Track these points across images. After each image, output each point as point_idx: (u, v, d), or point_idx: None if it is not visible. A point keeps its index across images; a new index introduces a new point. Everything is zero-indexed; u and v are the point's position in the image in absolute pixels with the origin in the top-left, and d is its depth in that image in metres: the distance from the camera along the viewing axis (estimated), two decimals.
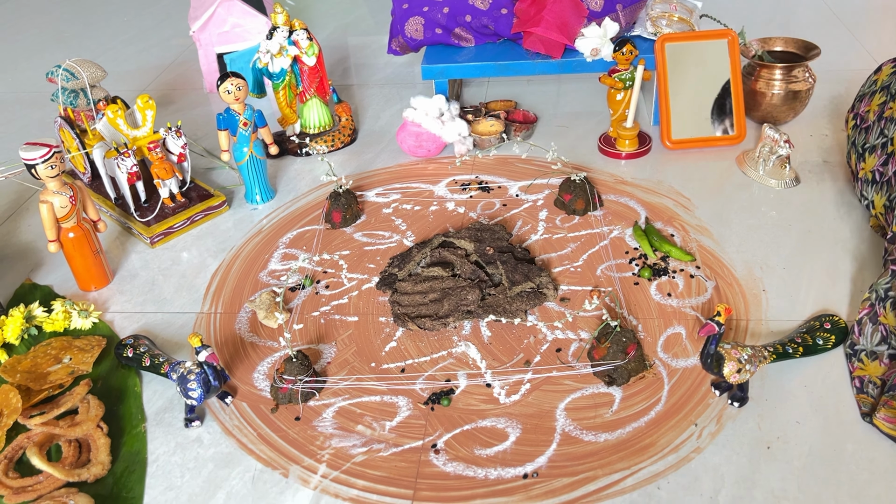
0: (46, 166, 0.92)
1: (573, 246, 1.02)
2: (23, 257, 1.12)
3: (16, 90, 1.70)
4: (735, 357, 0.74)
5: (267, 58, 1.23)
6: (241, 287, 1.00)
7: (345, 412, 0.81)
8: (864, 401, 0.76)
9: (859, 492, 0.68)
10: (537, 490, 0.71)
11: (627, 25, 1.28)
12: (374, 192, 1.18)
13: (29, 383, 0.85)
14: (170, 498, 0.73)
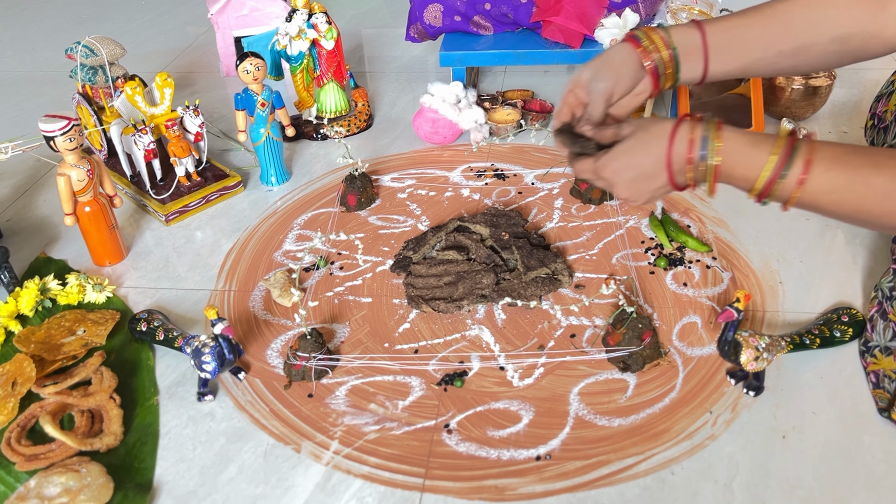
0: (65, 139, 0.92)
1: (588, 234, 1.01)
2: (38, 231, 1.12)
3: (33, 69, 1.70)
4: (752, 345, 0.73)
5: (286, 40, 1.23)
6: (256, 266, 1.00)
7: (358, 391, 0.80)
8: (880, 396, 0.75)
9: (875, 483, 0.68)
10: (550, 472, 0.70)
11: (647, 17, 1.27)
12: (390, 176, 1.18)
13: (43, 353, 0.86)
14: (181, 470, 0.73)
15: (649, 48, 0.73)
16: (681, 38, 0.74)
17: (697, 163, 0.65)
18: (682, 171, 0.66)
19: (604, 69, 0.75)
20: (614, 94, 0.75)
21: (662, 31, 0.74)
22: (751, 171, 0.63)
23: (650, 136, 0.67)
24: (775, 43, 0.73)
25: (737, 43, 0.73)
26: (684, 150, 0.65)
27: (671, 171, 0.66)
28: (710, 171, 0.64)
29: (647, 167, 0.67)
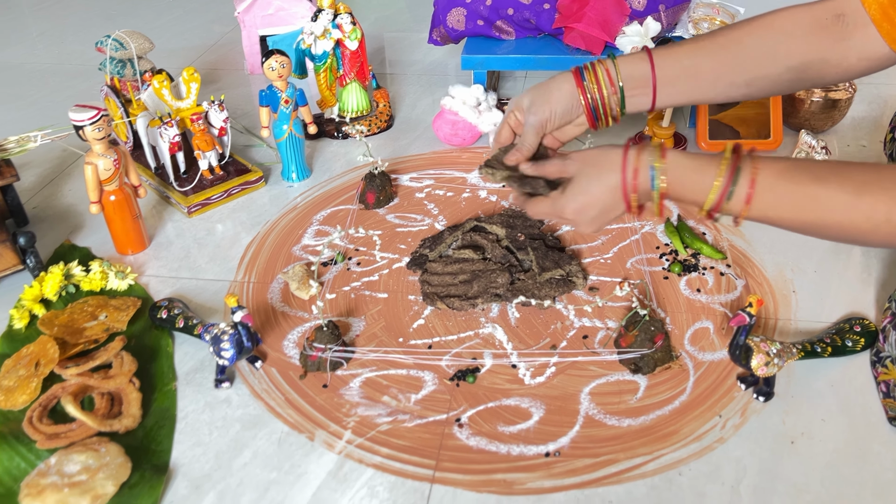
0: (94, 128, 0.94)
1: (604, 238, 1.02)
2: (63, 219, 1.14)
3: (62, 61, 1.74)
4: (764, 350, 0.74)
5: (311, 40, 1.25)
6: (275, 259, 1.02)
7: (371, 383, 0.82)
8: (890, 405, 0.75)
9: (883, 491, 0.68)
10: (558, 469, 0.71)
11: (669, 26, 1.28)
12: (408, 176, 1.19)
13: (65, 336, 0.88)
14: (197, 453, 0.75)
15: (590, 86, 0.76)
16: (629, 71, 0.75)
17: (646, 191, 0.67)
18: (635, 198, 0.69)
19: (540, 101, 0.77)
20: (547, 126, 0.78)
21: (611, 65, 0.76)
22: (698, 194, 0.65)
23: (601, 171, 0.69)
24: (727, 74, 0.74)
25: (687, 74, 0.75)
26: (633, 180, 0.68)
27: (628, 201, 0.69)
28: (657, 197, 0.67)
29: (605, 202, 0.70)
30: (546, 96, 0.77)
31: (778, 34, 0.72)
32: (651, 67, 0.74)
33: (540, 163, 0.75)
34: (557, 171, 0.73)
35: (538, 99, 0.77)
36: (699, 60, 0.74)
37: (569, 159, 0.73)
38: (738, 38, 0.73)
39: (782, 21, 0.72)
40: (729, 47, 0.73)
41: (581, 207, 0.71)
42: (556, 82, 0.78)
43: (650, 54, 0.75)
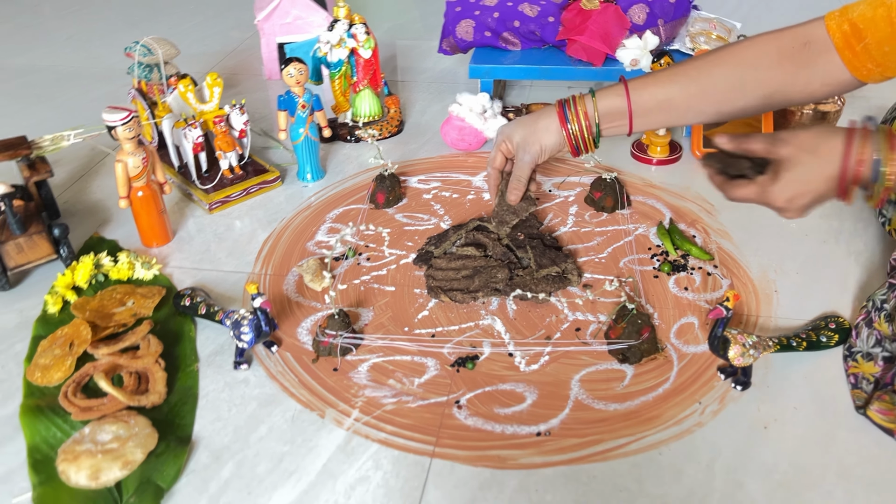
0: (125, 128, 1.01)
1: (599, 239, 1.09)
2: (92, 213, 1.22)
3: (90, 65, 1.82)
4: (740, 342, 0.80)
5: (326, 48, 1.32)
6: (290, 254, 1.09)
7: (378, 367, 0.88)
8: (858, 395, 0.81)
9: (846, 472, 0.74)
10: (548, 447, 0.78)
11: (667, 39, 1.35)
12: (417, 178, 1.26)
13: (96, 320, 0.95)
14: (217, 428, 0.82)
15: (573, 127, 0.84)
16: (607, 107, 0.83)
17: (867, 182, 0.68)
18: (854, 188, 0.69)
19: (531, 140, 0.85)
20: (538, 160, 0.88)
21: (590, 103, 0.83)
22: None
23: (821, 160, 0.69)
24: (697, 105, 0.82)
25: (659, 106, 0.82)
26: (855, 172, 0.68)
27: (845, 190, 0.69)
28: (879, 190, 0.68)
29: (821, 191, 0.70)
30: (536, 135, 0.85)
31: (746, 67, 0.79)
32: (627, 101, 0.82)
33: (743, 138, 0.74)
34: (765, 150, 0.72)
35: (529, 138, 0.85)
36: (671, 93, 0.82)
37: (780, 140, 0.71)
38: (709, 71, 0.80)
39: (750, 53, 0.79)
40: (699, 80, 0.80)
41: (794, 196, 0.70)
42: (543, 122, 0.86)
43: (627, 89, 0.82)
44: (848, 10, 0.76)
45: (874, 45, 0.73)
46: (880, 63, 0.75)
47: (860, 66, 0.76)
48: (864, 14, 0.73)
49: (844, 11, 0.76)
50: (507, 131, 0.89)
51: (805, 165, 0.70)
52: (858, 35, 0.74)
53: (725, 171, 0.77)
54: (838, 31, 0.75)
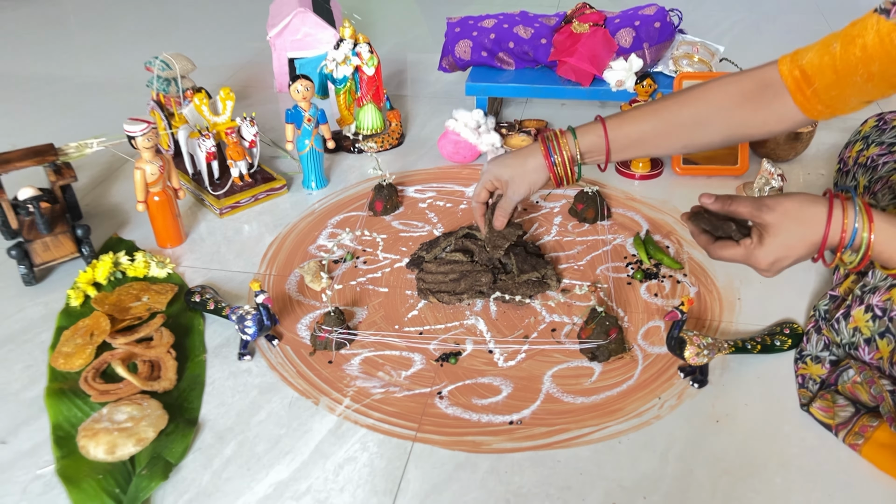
0: (144, 138, 1.11)
1: (580, 248, 1.17)
2: (111, 216, 1.31)
3: (111, 76, 1.92)
4: (696, 343, 0.88)
5: (333, 65, 1.42)
6: (293, 256, 1.18)
7: (369, 361, 0.97)
8: (804, 394, 0.89)
9: (787, 462, 0.82)
10: (519, 434, 0.86)
11: (652, 62, 1.43)
12: (414, 188, 1.35)
13: (114, 313, 1.04)
14: (222, 412, 0.91)
15: (557, 164, 0.93)
16: (587, 144, 0.93)
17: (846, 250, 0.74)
18: (830, 255, 0.76)
19: (520, 180, 0.96)
20: (527, 196, 0.99)
21: (572, 142, 0.93)
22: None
23: (804, 228, 0.74)
24: (667, 140, 0.91)
25: (633, 143, 0.92)
26: (837, 240, 0.73)
27: (822, 255, 0.75)
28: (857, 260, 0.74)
29: (801, 255, 0.76)
30: (525, 177, 0.96)
31: (710, 108, 0.88)
32: (605, 140, 0.92)
33: (728, 199, 0.80)
34: (750, 214, 0.78)
35: (518, 179, 0.96)
36: (644, 130, 0.91)
37: (765, 206, 0.76)
38: (678, 111, 0.89)
39: (714, 95, 0.88)
40: (670, 119, 0.89)
41: (778, 260, 0.76)
42: (531, 163, 0.96)
43: (605, 129, 0.92)
44: (799, 55, 0.84)
45: (822, 89, 0.81)
46: (829, 105, 0.83)
47: (811, 107, 0.84)
48: (813, 61, 0.81)
49: (795, 58, 0.84)
50: (497, 171, 0.98)
51: (789, 232, 0.75)
52: (808, 81, 0.82)
53: (710, 232, 0.83)
54: (790, 76, 0.83)
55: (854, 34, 0.78)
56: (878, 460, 0.80)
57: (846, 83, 0.79)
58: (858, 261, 0.74)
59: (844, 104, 0.81)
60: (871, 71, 0.77)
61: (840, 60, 0.78)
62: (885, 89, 0.78)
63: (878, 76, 0.77)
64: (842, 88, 0.80)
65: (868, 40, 0.76)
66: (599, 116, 0.94)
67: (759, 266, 0.78)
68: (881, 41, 0.75)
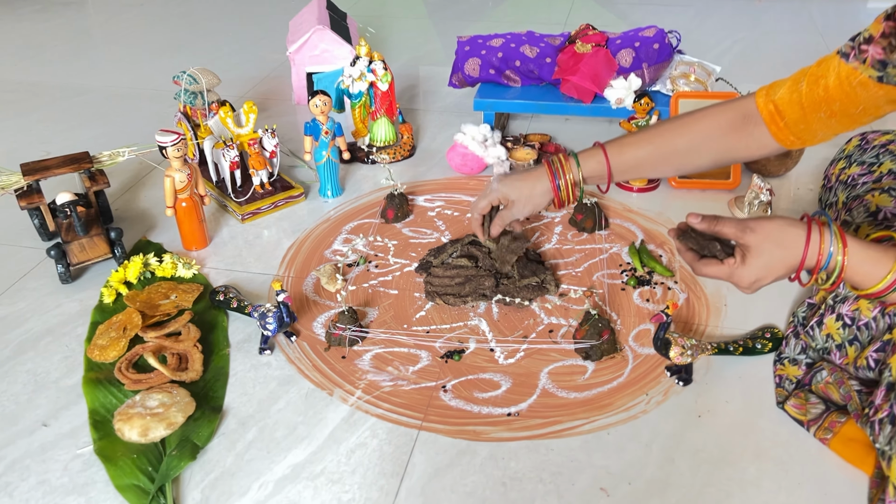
0: (174, 148, 1.20)
1: (578, 256, 1.25)
2: (140, 220, 1.40)
3: (138, 86, 2.02)
4: (680, 344, 0.95)
5: (349, 81, 1.50)
6: (310, 259, 1.26)
7: (379, 357, 1.05)
8: (780, 393, 0.96)
9: (761, 453, 0.89)
10: (516, 425, 0.94)
11: (651, 81, 1.51)
12: (423, 197, 1.43)
13: (145, 310, 1.12)
14: (244, 400, 0.99)
15: (560, 183, 1.02)
16: (589, 170, 1.02)
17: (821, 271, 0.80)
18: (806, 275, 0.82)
19: (525, 201, 1.05)
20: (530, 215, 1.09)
21: (575, 166, 1.01)
22: (867, 282, 0.78)
23: (784, 251, 0.80)
24: (661, 165, 1.00)
25: (630, 167, 1.01)
26: (813, 262, 0.79)
27: (799, 276, 0.82)
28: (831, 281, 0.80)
29: (780, 275, 0.82)
30: (531, 199, 1.05)
31: (701, 136, 0.96)
32: (607, 166, 1.01)
33: (714, 220, 0.85)
34: (734, 235, 0.83)
35: (524, 200, 1.05)
36: (640, 155, 1.00)
37: (748, 228, 0.82)
38: (671, 139, 0.98)
39: (703, 125, 0.96)
40: (664, 147, 0.98)
41: (758, 279, 0.82)
42: (538, 187, 1.04)
43: (606, 156, 1.00)
44: (773, 90, 0.92)
45: (792, 123, 0.89)
46: (798, 136, 0.91)
47: (784, 138, 0.92)
48: (784, 97, 0.89)
49: (770, 92, 0.92)
50: (505, 191, 1.07)
51: (769, 254, 0.81)
52: (780, 115, 0.90)
53: (696, 251, 0.90)
54: (765, 109, 0.91)
55: (819, 74, 0.85)
56: (844, 453, 0.87)
57: (812, 119, 0.87)
58: (832, 282, 0.81)
59: (812, 136, 0.90)
60: (832, 109, 0.84)
61: (806, 98, 0.86)
62: (847, 125, 0.86)
63: (839, 114, 0.85)
64: (808, 123, 0.88)
65: (830, 82, 0.84)
66: (599, 143, 1.02)
67: (740, 284, 0.85)
68: (840, 84, 0.83)
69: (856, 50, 0.81)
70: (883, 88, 0.80)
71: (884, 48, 0.78)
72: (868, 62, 0.80)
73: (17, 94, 1.99)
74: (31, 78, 2.11)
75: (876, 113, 0.85)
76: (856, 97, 0.83)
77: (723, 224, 0.85)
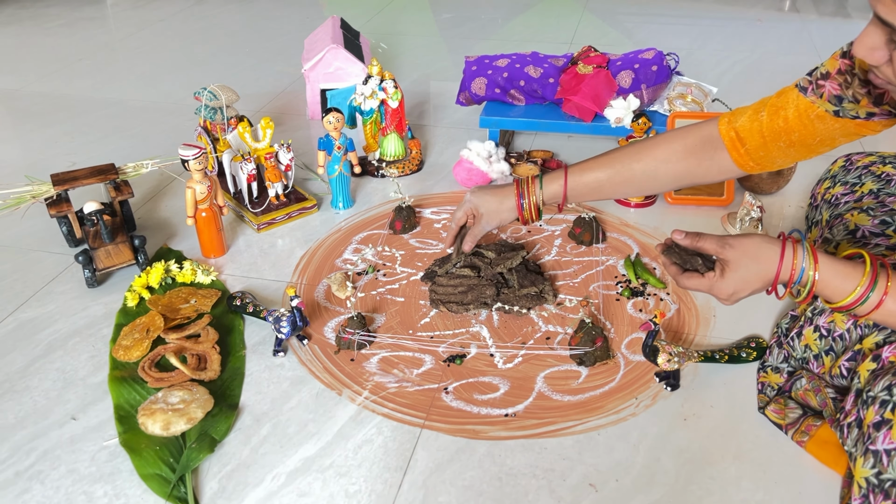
0: (196, 162, 1.27)
1: (576, 267, 1.31)
2: (162, 228, 1.48)
3: (159, 100, 2.11)
4: (668, 351, 1.02)
5: (361, 99, 1.58)
6: (322, 268, 1.33)
7: (386, 360, 1.12)
8: (761, 399, 1.02)
9: (742, 454, 0.95)
10: (513, 425, 1.00)
11: (649, 102, 1.58)
12: (430, 210, 1.50)
13: (166, 313, 1.20)
14: (258, 399, 1.06)
15: (524, 203, 1.11)
16: (550, 192, 1.10)
17: (795, 286, 0.86)
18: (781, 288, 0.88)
19: (492, 215, 1.15)
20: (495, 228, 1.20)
21: (538, 188, 1.10)
22: (838, 296, 0.83)
23: (759, 265, 0.86)
24: (621, 188, 1.07)
25: (589, 190, 1.09)
26: (787, 276, 0.85)
27: (775, 290, 0.87)
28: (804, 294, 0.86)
29: (756, 288, 0.88)
30: (499, 214, 1.15)
31: (658, 162, 1.02)
32: (564, 187, 1.09)
33: (696, 236, 0.91)
34: (714, 250, 0.89)
35: (492, 214, 1.15)
36: (600, 178, 1.07)
37: (727, 245, 0.88)
38: (629, 165, 1.04)
39: (661, 151, 1.02)
40: (622, 171, 1.05)
41: (735, 291, 0.88)
42: (506, 203, 1.14)
43: (566, 180, 1.08)
44: (735, 117, 0.98)
45: (752, 150, 0.96)
46: (758, 162, 0.97)
47: (744, 163, 0.98)
48: (745, 125, 0.96)
49: (732, 119, 0.98)
50: (477, 202, 1.16)
51: (746, 269, 0.87)
52: (742, 141, 0.96)
53: (680, 265, 0.96)
54: (727, 136, 0.98)
55: (779, 105, 0.92)
56: (819, 454, 0.93)
57: (772, 147, 0.93)
58: (805, 296, 0.87)
59: (772, 163, 0.96)
60: (792, 139, 0.91)
61: (766, 128, 0.93)
62: (804, 154, 0.93)
63: (797, 144, 0.91)
64: (768, 151, 0.94)
65: (790, 114, 0.90)
66: (564, 166, 1.10)
67: (719, 296, 0.91)
68: (799, 116, 0.89)
69: (813, 85, 0.88)
70: (839, 122, 0.86)
71: (839, 84, 0.84)
72: (825, 97, 0.86)
73: (44, 107, 2.08)
74: (57, 91, 2.20)
75: (832, 144, 0.92)
76: (814, 129, 0.89)
77: (704, 240, 0.91)
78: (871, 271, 0.82)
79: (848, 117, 0.85)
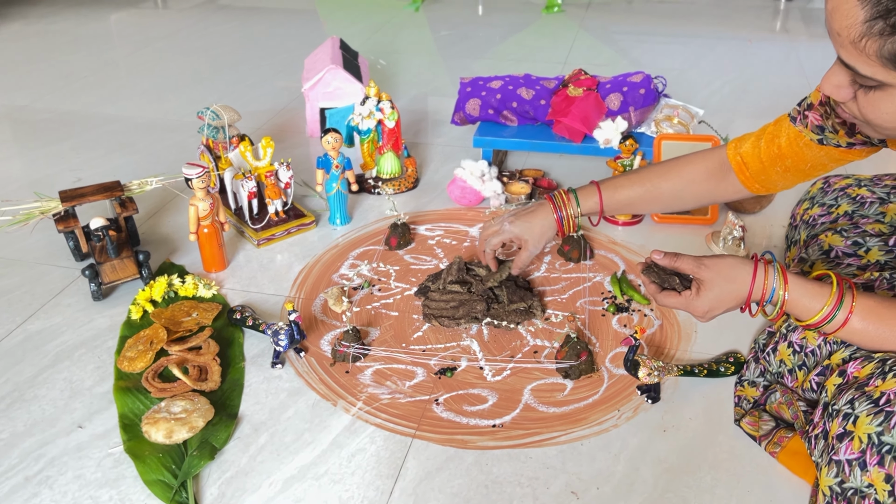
0: (199, 180, 1.32)
1: (564, 284, 1.36)
2: (164, 244, 1.53)
3: (161, 117, 2.16)
4: (648, 365, 1.06)
5: (358, 119, 1.64)
6: (319, 282, 1.38)
7: (379, 372, 1.16)
8: (738, 412, 1.07)
9: (717, 464, 0.99)
10: (500, 435, 1.05)
11: (637, 123, 1.63)
12: (424, 227, 1.55)
13: (169, 326, 1.24)
14: (257, 409, 1.10)
15: (563, 214, 1.19)
16: (587, 207, 1.18)
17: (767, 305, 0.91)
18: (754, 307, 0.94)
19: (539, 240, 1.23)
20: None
21: (575, 204, 1.19)
22: (806, 315, 0.89)
23: (733, 285, 0.92)
24: (650, 205, 1.15)
25: (621, 206, 1.18)
26: (759, 296, 0.90)
27: (748, 308, 0.94)
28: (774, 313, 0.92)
29: (730, 306, 0.94)
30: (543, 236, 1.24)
31: (684, 182, 1.10)
32: (600, 201, 1.17)
33: (674, 256, 0.97)
34: (691, 270, 0.95)
35: (536, 238, 1.23)
36: (632, 196, 1.15)
37: (703, 265, 0.93)
38: (659, 183, 1.12)
39: (687, 171, 1.10)
40: (652, 190, 1.13)
41: (710, 309, 0.94)
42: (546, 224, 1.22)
43: (600, 196, 1.16)
44: (741, 143, 1.05)
45: (755, 174, 1.02)
46: (762, 184, 1.04)
47: (750, 185, 1.05)
48: (748, 151, 1.02)
49: (738, 145, 1.06)
50: (518, 232, 1.24)
51: (721, 288, 0.92)
52: (746, 166, 1.03)
53: (658, 283, 1.02)
54: (734, 160, 1.04)
55: (775, 133, 0.98)
56: (790, 464, 0.98)
57: (770, 172, 1.00)
58: (775, 314, 0.92)
59: (774, 185, 1.03)
60: (786, 165, 0.97)
61: (764, 154, 0.99)
62: (800, 178, 0.99)
63: (792, 169, 0.97)
64: (768, 175, 1.00)
65: (782, 141, 0.96)
66: (595, 182, 1.16)
67: (695, 313, 0.97)
68: (790, 143, 0.95)
69: (801, 115, 0.94)
70: (823, 149, 0.92)
71: (821, 115, 0.90)
72: (809, 126, 0.92)
73: (49, 123, 2.14)
74: (62, 107, 2.25)
75: (824, 169, 0.98)
76: (803, 156, 0.95)
77: (681, 260, 0.97)
78: (837, 291, 0.87)
79: (830, 145, 0.91)
